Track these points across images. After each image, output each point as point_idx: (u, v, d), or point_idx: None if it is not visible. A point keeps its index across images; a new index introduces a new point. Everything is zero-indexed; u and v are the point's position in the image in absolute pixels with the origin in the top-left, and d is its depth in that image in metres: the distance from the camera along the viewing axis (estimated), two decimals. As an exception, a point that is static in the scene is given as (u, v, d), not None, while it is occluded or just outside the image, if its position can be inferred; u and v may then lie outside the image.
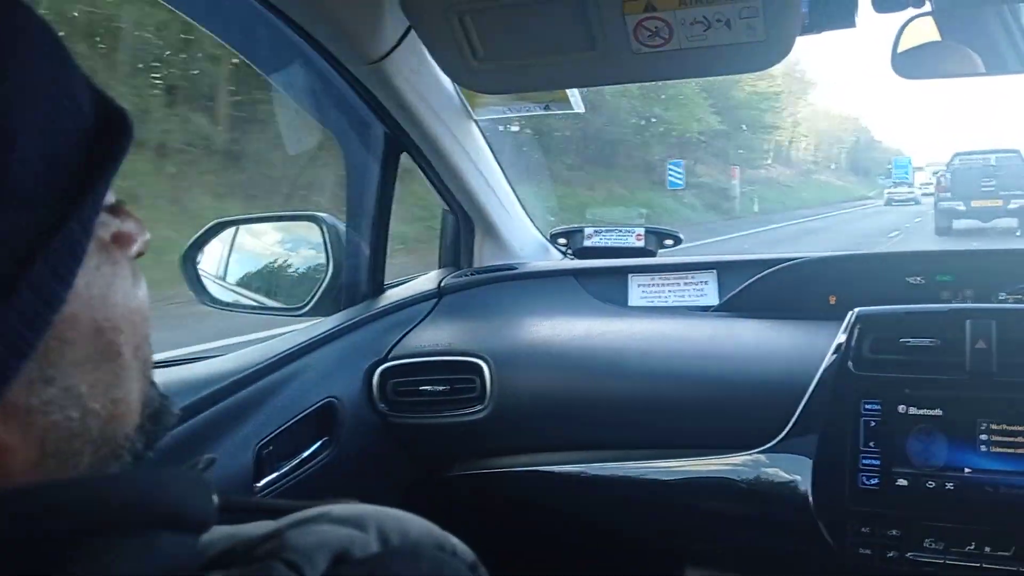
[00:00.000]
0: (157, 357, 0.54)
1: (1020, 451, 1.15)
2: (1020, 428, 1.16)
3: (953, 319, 1.25)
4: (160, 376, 1.16)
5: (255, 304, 1.73)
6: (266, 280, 1.79)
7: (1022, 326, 1.21)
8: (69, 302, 0.41)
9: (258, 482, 1.28)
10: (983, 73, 1.21)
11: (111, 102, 0.47)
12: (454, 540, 0.48)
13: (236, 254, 1.76)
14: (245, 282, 1.77)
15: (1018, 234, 13.47)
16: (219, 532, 0.47)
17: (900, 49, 1.20)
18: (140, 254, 0.51)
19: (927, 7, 1.13)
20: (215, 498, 0.49)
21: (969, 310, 1.28)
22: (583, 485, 1.48)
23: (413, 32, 1.36)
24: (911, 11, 1.13)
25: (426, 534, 0.47)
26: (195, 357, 1.43)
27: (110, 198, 0.48)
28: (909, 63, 1.21)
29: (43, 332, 0.40)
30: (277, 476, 1.31)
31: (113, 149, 0.45)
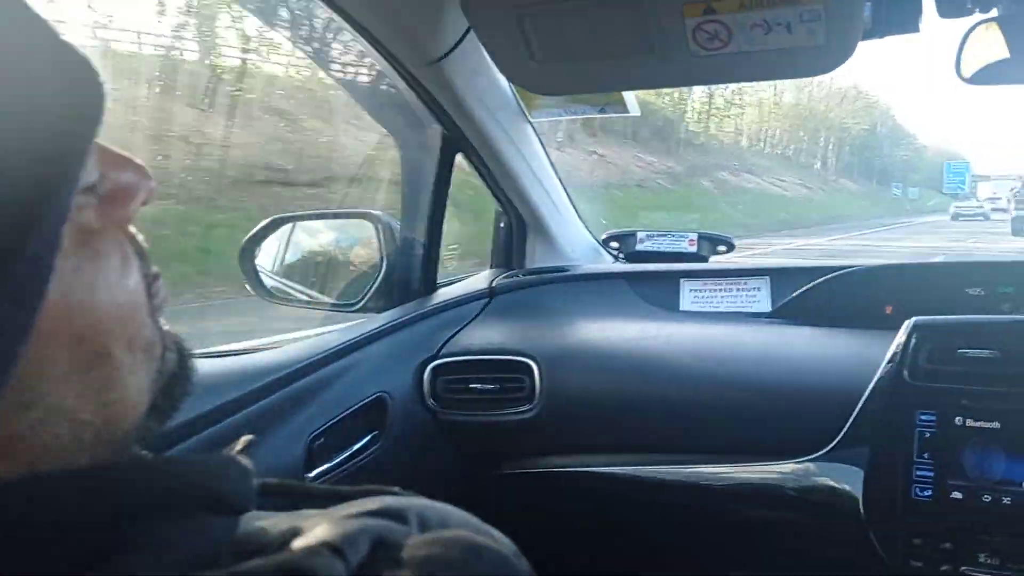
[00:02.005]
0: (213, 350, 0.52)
1: None
2: None
3: (1014, 330, 1.22)
4: (215, 366, 1.20)
5: (309, 299, 1.77)
6: (321, 276, 1.82)
7: None
8: (42, 319, 0.36)
9: (309, 473, 1.30)
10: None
11: (80, 58, 0.38)
12: (495, 532, 0.47)
13: (292, 250, 1.80)
14: (300, 277, 1.80)
15: None
16: (265, 517, 0.46)
17: (965, 55, 1.18)
18: (146, 203, 0.46)
19: (994, 12, 1.11)
20: (255, 481, 0.48)
21: None
22: (631, 487, 1.47)
23: (472, 33, 1.37)
24: (978, 16, 1.11)
25: (466, 524, 0.47)
26: (251, 349, 1.46)
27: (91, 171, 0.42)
28: (976, 69, 1.19)
29: (11, 366, 0.35)
30: (328, 467, 1.33)
31: (86, 124, 0.38)
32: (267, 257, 1.72)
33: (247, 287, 1.67)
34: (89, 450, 0.41)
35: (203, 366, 0.52)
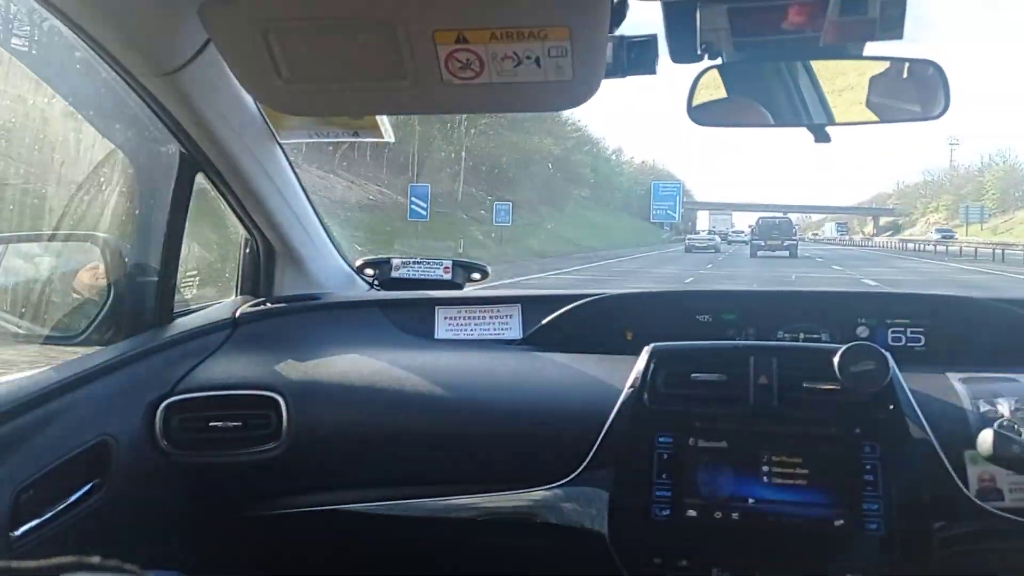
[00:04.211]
0: None
1: (799, 482, 1.23)
2: (798, 460, 1.24)
3: (739, 356, 1.32)
4: None
5: (19, 331, 1.56)
6: (35, 305, 1.62)
7: (801, 363, 1.30)
8: None
9: (15, 531, 1.14)
10: (772, 125, 1.30)
11: None
12: None
13: (3, 276, 1.59)
14: (11, 306, 1.59)
15: (793, 277, 17.33)
16: None
17: (695, 98, 1.27)
18: None
19: (719, 60, 1.20)
20: None
21: (753, 347, 1.36)
22: (382, 523, 1.43)
23: (212, 45, 1.28)
24: (706, 62, 1.20)
25: None
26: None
27: None
28: (703, 112, 1.28)
29: None
30: (39, 523, 1.17)
31: None
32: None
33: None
34: None
35: None
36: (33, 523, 1.17)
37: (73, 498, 1.24)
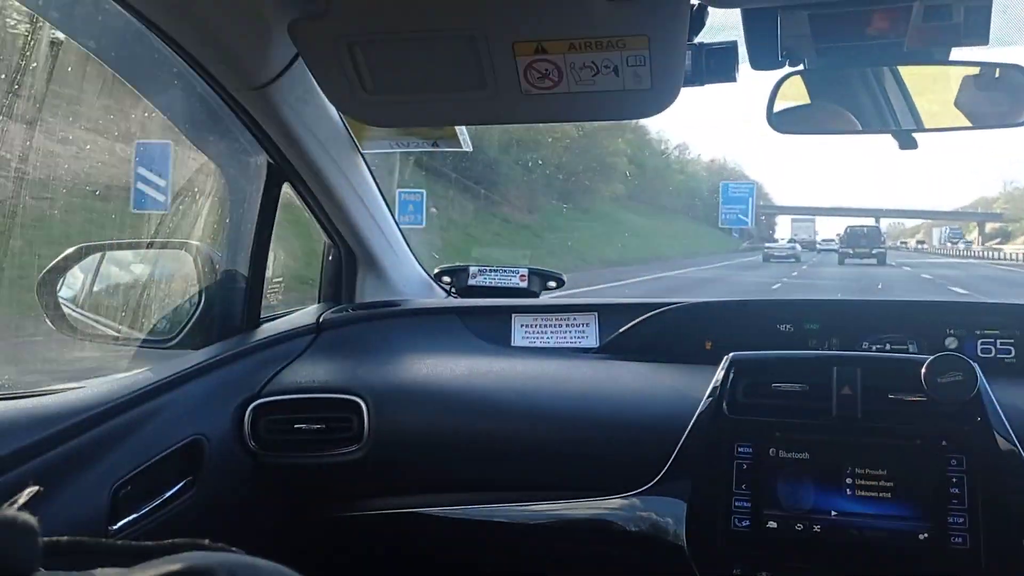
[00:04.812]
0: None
1: (883, 495, 1.20)
2: (883, 472, 1.21)
3: (821, 365, 1.30)
4: (3, 410, 1.08)
5: (118, 335, 1.64)
6: (132, 310, 1.70)
7: (885, 374, 1.27)
8: None
9: (113, 525, 1.19)
10: (858, 131, 1.28)
11: None
12: None
13: (101, 281, 1.67)
14: (109, 311, 1.67)
15: (879, 287, 16.74)
16: None
17: (776, 104, 1.26)
18: None
19: (801, 67, 1.19)
20: (39, 541, 0.43)
21: (836, 357, 1.34)
22: (461, 527, 1.45)
23: (301, 60, 1.33)
24: (787, 68, 1.19)
25: None
26: (46, 391, 1.32)
27: None
28: (784, 119, 1.27)
29: None
30: (135, 518, 1.23)
31: None
32: (71, 289, 1.58)
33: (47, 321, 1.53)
34: None
35: None
36: (130, 517, 1.22)
37: (168, 494, 1.29)
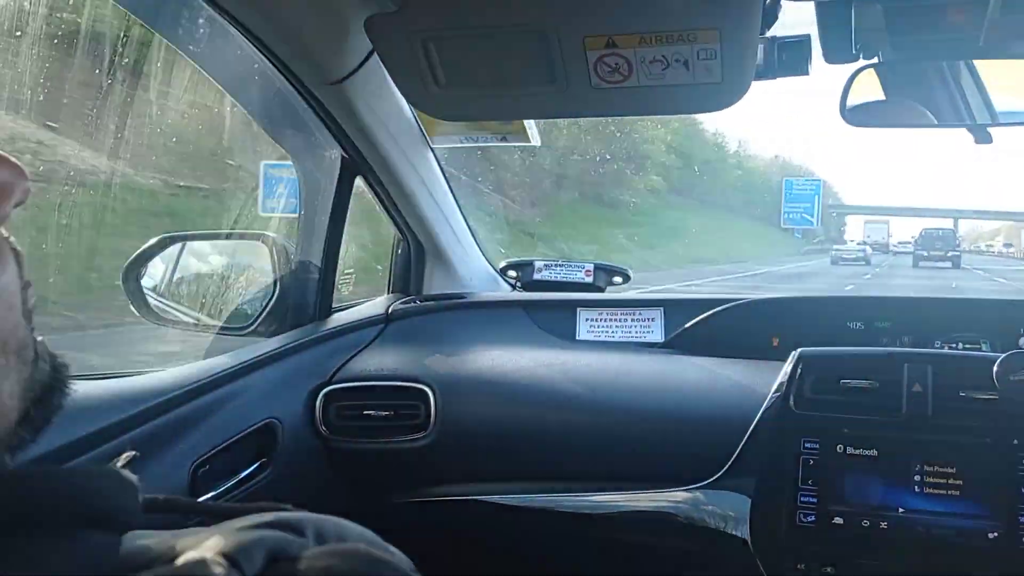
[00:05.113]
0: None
1: (952, 492, 1.18)
2: (952, 470, 1.19)
3: (892, 363, 1.28)
4: (91, 388, 1.14)
5: (197, 322, 1.70)
6: (211, 298, 1.76)
7: (956, 372, 1.25)
8: None
9: None
10: (934, 125, 1.26)
11: None
12: (391, 547, 0.47)
13: (181, 270, 1.73)
14: (189, 299, 1.74)
15: (953, 285, 16.96)
16: (153, 534, 0.44)
17: (849, 99, 1.25)
18: (19, 204, 0.45)
19: (875, 60, 1.18)
20: (140, 496, 0.46)
21: (907, 354, 1.32)
22: (524, 516, 1.47)
23: (376, 55, 1.36)
24: (861, 61, 1.18)
25: (363, 537, 0.46)
26: (133, 372, 1.39)
27: None
28: (859, 113, 1.26)
29: None
30: (213, 495, 1.27)
31: None
32: (154, 278, 1.65)
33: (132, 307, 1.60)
34: None
35: (80, 388, 0.49)
36: (209, 495, 1.27)
37: (244, 474, 1.34)
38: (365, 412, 1.53)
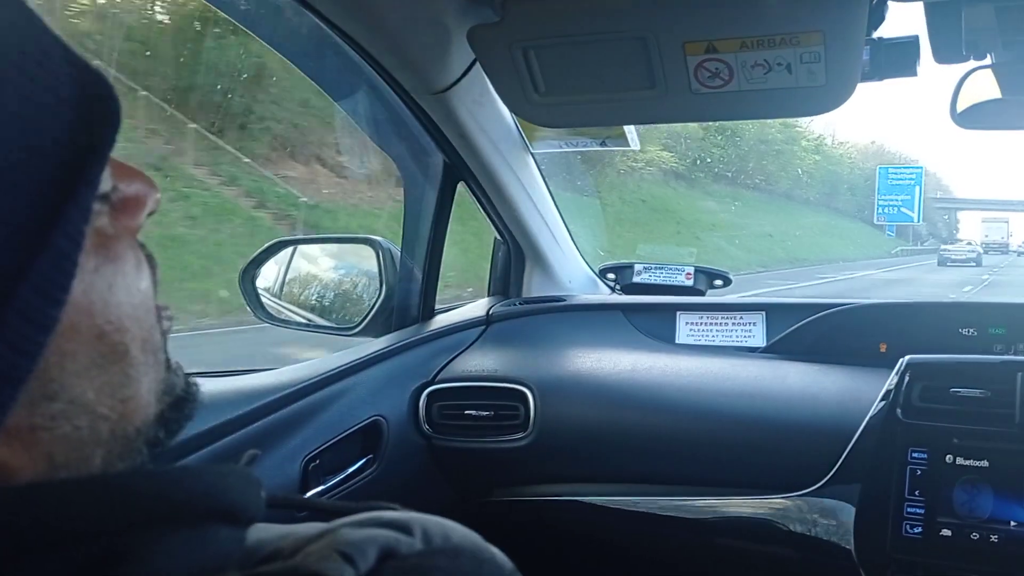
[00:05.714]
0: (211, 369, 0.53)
1: None
2: None
3: (1005, 371, 1.23)
4: (213, 385, 1.21)
5: (308, 322, 1.78)
6: (320, 299, 1.84)
7: None
8: (66, 313, 0.38)
9: (303, 495, 1.30)
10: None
11: (94, 74, 0.41)
12: (494, 548, 0.48)
13: (292, 273, 1.81)
14: (299, 300, 1.82)
15: None
16: (271, 529, 0.47)
17: (960, 100, 1.21)
18: (152, 213, 0.48)
19: (987, 60, 1.14)
20: (263, 493, 0.49)
21: (1021, 363, 1.27)
22: (622, 518, 1.48)
23: (478, 64, 1.40)
24: (972, 63, 1.14)
25: (467, 539, 0.48)
26: (249, 370, 1.46)
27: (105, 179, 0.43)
28: (971, 115, 1.22)
29: (37, 356, 0.37)
30: (323, 490, 1.33)
31: (102, 134, 0.40)
32: (267, 279, 1.73)
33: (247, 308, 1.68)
34: (104, 445, 0.42)
35: (202, 385, 0.54)
36: (318, 489, 1.33)
37: (351, 469, 1.40)
38: (466, 412, 1.57)
